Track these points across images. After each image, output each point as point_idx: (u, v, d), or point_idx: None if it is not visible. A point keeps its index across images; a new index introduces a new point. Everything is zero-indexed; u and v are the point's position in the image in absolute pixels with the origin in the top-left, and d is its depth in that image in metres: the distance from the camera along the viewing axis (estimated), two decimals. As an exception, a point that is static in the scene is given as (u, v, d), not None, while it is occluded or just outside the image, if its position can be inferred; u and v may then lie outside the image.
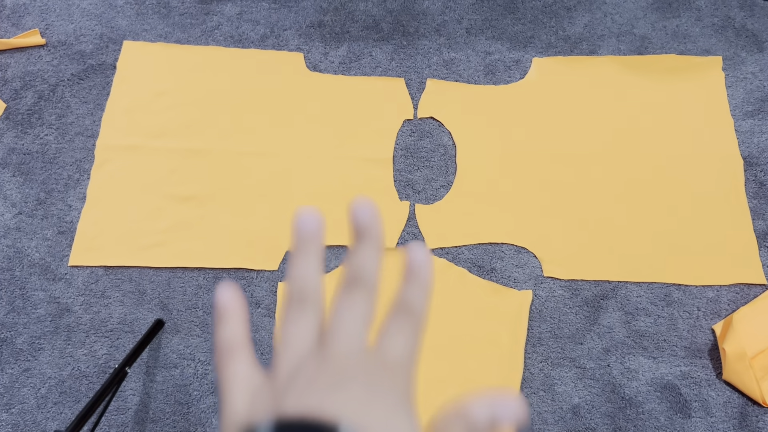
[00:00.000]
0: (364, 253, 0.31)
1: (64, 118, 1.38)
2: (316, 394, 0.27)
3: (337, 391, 0.27)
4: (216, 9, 1.51)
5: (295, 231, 0.31)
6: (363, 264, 0.31)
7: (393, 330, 0.30)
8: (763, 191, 1.32)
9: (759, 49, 1.47)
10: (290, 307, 0.30)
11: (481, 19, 1.51)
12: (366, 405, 0.27)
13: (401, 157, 1.35)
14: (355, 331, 0.30)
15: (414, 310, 0.31)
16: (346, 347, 0.29)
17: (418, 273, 0.31)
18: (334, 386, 0.27)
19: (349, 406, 0.26)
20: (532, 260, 1.25)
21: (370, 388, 0.28)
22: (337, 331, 0.30)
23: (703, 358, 1.17)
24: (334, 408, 0.26)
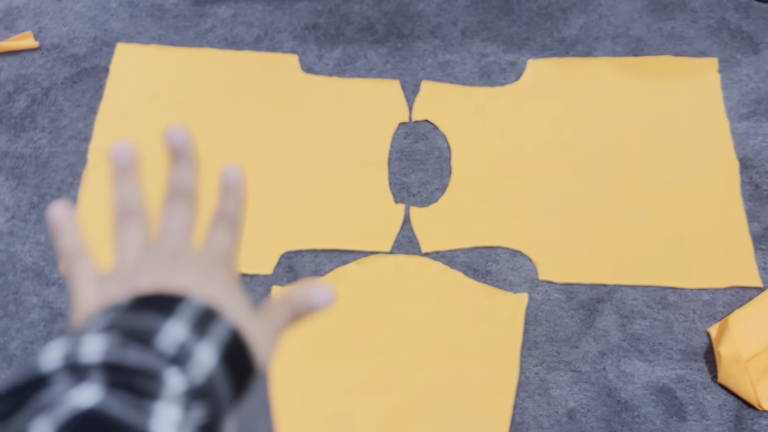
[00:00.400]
0: (181, 170, 0.38)
1: (57, 122, 1.37)
2: (161, 274, 0.32)
3: (178, 272, 0.33)
4: (210, 11, 1.50)
5: (112, 162, 0.37)
6: (182, 179, 0.38)
7: (216, 231, 0.37)
8: (759, 193, 1.32)
9: (754, 51, 1.47)
10: (119, 221, 0.36)
11: (476, 21, 1.50)
12: (205, 282, 0.32)
13: (396, 160, 1.35)
14: (182, 230, 0.36)
15: (231, 217, 0.38)
16: (176, 242, 0.35)
17: (233, 188, 0.39)
18: (175, 269, 0.33)
19: (192, 282, 0.32)
20: (527, 263, 1.25)
21: (204, 271, 0.34)
22: (166, 231, 0.36)
23: (699, 361, 1.17)
24: (180, 283, 0.31)
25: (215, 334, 0.29)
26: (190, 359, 0.27)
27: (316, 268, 1.24)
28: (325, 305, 0.35)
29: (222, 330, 0.30)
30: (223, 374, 0.29)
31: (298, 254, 1.26)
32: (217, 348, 0.29)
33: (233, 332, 0.30)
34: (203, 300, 0.30)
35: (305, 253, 1.26)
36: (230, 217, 0.38)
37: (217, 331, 0.29)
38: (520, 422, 1.13)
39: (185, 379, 0.27)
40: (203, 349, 0.28)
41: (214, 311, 0.30)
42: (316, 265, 1.24)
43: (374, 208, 1.30)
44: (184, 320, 0.29)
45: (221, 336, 0.29)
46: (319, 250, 1.26)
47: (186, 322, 0.29)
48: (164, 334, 0.28)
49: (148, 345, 0.27)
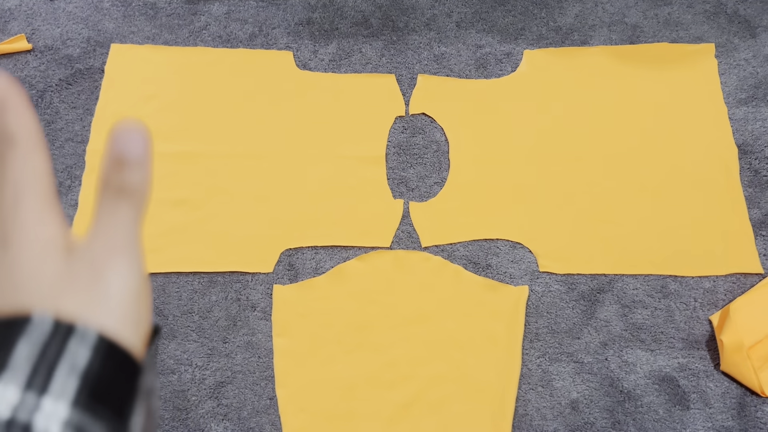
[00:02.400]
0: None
1: (53, 125, 1.37)
2: None
3: (22, 287, 0.25)
4: (203, 9, 1.49)
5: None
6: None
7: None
8: (758, 179, 1.31)
9: (752, 35, 1.46)
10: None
11: (471, 12, 1.49)
12: (55, 290, 0.25)
13: (394, 155, 1.35)
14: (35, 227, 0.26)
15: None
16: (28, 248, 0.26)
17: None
18: (18, 285, 0.25)
19: (37, 296, 0.25)
20: (527, 255, 1.25)
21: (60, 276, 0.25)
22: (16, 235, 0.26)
23: (701, 350, 1.17)
24: (23, 302, 0.24)
25: (78, 364, 0.23)
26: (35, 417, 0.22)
27: (317, 265, 1.24)
28: (142, 151, 0.27)
29: (87, 352, 0.24)
30: (90, 410, 0.23)
31: (299, 251, 1.26)
32: (74, 390, 0.23)
33: (99, 346, 0.24)
34: (51, 316, 0.24)
35: (305, 250, 1.26)
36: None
37: (80, 358, 0.23)
38: (524, 414, 1.13)
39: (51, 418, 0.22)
40: (52, 407, 0.22)
41: (68, 328, 0.24)
42: (317, 262, 1.24)
43: (373, 204, 1.29)
44: (16, 377, 0.22)
45: (84, 363, 0.23)
46: (319, 247, 1.26)
47: (18, 380, 0.22)
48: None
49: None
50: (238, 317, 1.20)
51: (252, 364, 1.17)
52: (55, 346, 0.23)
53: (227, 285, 1.23)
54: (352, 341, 1.18)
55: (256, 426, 1.12)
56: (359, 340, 1.18)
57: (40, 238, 0.26)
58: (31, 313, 0.24)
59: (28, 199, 0.26)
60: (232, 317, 1.20)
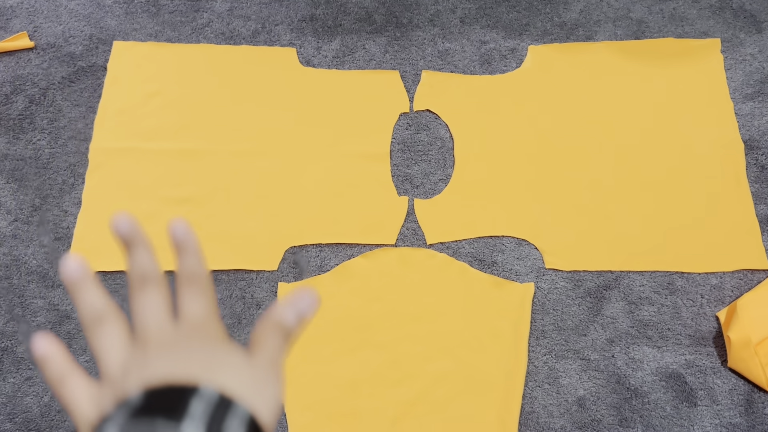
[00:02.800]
0: (138, 256, 0.35)
1: (56, 122, 1.36)
2: (161, 364, 0.31)
3: (178, 358, 0.32)
4: (206, 5, 1.48)
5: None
6: (141, 265, 0.35)
7: (187, 299, 0.35)
8: (765, 175, 1.31)
9: (758, 29, 1.45)
10: (92, 329, 0.34)
11: (475, 7, 1.49)
12: (204, 363, 0.32)
13: (398, 151, 1.34)
14: (157, 317, 0.34)
15: (196, 276, 0.36)
16: (157, 329, 0.34)
17: (185, 244, 0.36)
18: (172, 355, 0.32)
19: (197, 366, 0.31)
20: (533, 252, 1.24)
21: (194, 349, 0.33)
22: (144, 323, 0.34)
23: (708, 346, 1.17)
24: (185, 371, 0.31)
25: (231, 429, 0.29)
26: None
27: (321, 263, 1.24)
28: (312, 310, 0.35)
29: (237, 424, 0.29)
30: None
31: (303, 249, 1.25)
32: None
33: (248, 421, 0.30)
34: (215, 389, 0.30)
35: (310, 247, 1.25)
36: (194, 276, 0.36)
37: (233, 427, 0.29)
38: (530, 411, 1.13)
39: None
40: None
41: (226, 401, 0.30)
42: (321, 260, 1.24)
43: (378, 201, 1.29)
44: (195, 425, 0.28)
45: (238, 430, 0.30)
46: (323, 245, 1.25)
47: (198, 428, 0.28)
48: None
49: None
50: (242, 315, 1.20)
51: (257, 362, 1.16)
52: (220, 414, 0.29)
53: (232, 283, 1.22)
54: (357, 339, 1.17)
55: (262, 424, 1.12)
56: (364, 337, 1.17)
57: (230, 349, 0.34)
58: (199, 384, 0.30)
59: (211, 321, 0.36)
60: (237, 315, 1.20)
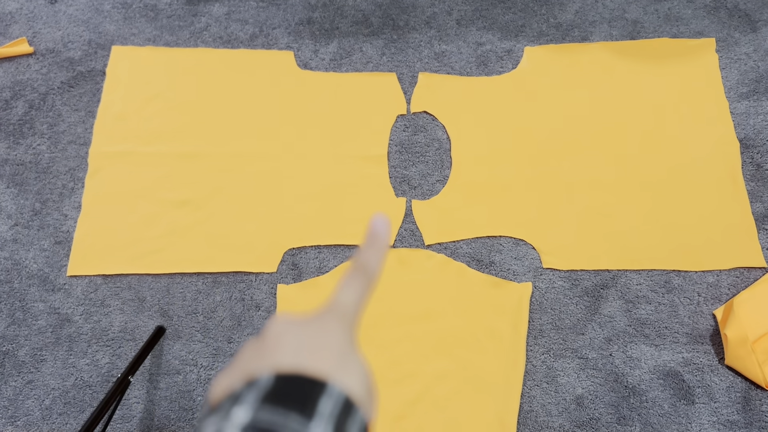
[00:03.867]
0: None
1: (55, 127, 1.37)
2: (305, 350, 0.33)
3: (322, 350, 0.34)
4: (204, 10, 1.49)
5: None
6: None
7: (348, 282, 0.37)
8: (761, 173, 1.31)
9: (752, 29, 1.46)
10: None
11: (471, 9, 1.49)
12: (334, 360, 0.33)
13: (396, 153, 1.35)
14: (350, 302, 0.37)
15: (369, 269, 0.38)
16: (342, 311, 0.36)
17: (377, 238, 0.38)
18: (320, 344, 0.34)
19: (324, 362, 0.33)
20: (530, 252, 1.25)
21: (328, 342, 0.34)
22: (337, 299, 0.37)
23: (705, 344, 1.17)
24: (320, 366, 0.32)
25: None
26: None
27: (320, 265, 1.24)
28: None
29: (356, 431, 0.31)
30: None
31: (302, 251, 1.26)
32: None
33: (364, 429, 0.32)
34: (341, 389, 0.32)
35: (309, 249, 1.26)
36: (367, 270, 0.38)
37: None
38: (529, 410, 1.13)
39: None
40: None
41: (350, 405, 0.31)
42: (320, 262, 1.25)
43: (376, 202, 1.29)
44: (323, 426, 0.30)
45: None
46: (322, 246, 1.26)
47: (325, 429, 0.30)
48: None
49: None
50: (242, 317, 1.21)
51: (257, 364, 1.17)
52: (344, 417, 0.31)
53: (231, 285, 1.23)
54: (357, 339, 1.18)
55: None
56: (364, 338, 1.18)
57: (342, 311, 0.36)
58: (328, 381, 0.32)
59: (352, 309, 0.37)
60: (237, 317, 1.21)
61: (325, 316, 0.36)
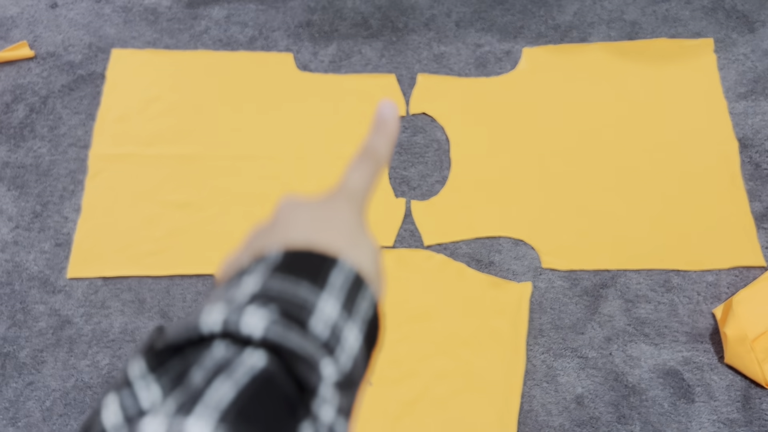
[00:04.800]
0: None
1: (56, 130, 1.38)
2: (315, 227, 0.33)
3: (331, 227, 0.33)
4: (203, 13, 1.50)
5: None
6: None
7: (357, 169, 0.37)
8: (759, 173, 1.32)
9: (750, 29, 1.46)
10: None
11: (470, 11, 1.50)
12: (345, 237, 0.33)
13: (395, 154, 1.35)
14: (358, 185, 0.37)
15: (377, 154, 0.38)
16: (349, 193, 0.36)
17: (385, 124, 0.38)
18: (329, 222, 0.34)
19: (343, 241, 0.33)
20: (530, 252, 1.25)
21: (339, 220, 0.35)
22: (345, 181, 0.37)
23: (705, 343, 1.17)
24: (330, 241, 0.32)
25: (361, 311, 0.30)
26: (339, 344, 0.29)
27: (320, 265, 1.24)
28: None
29: (366, 306, 0.31)
30: (363, 355, 0.30)
31: (302, 252, 1.26)
32: (361, 328, 0.30)
33: (375, 305, 0.32)
34: (352, 265, 0.31)
35: (308, 250, 1.26)
36: (375, 153, 0.38)
37: (363, 307, 0.31)
38: (529, 410, 1.13)
39: (336, 368, 0.28)
40: (351, 331, 0.29)
41: (361, 280, 0.31)
42: (320, 262, 1.25)
43: (375, 203, 1.30)
44: (335, 296, 0.30)
45: (366, 313, 0.31)
46: (322, 247, 1.26)
47: (337, 299, 0.30)
48: (318, 314, 0.29)
49: (304, 327, 0.28)
50: (242, 318, 1.21)
51: (257, 365, 1.17)
52: (354, 291, 0.31)
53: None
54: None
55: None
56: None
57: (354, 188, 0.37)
58: (339, 257, 0.31)
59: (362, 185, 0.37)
60: (237, 318, 1.21)
61: (335, 197, 0.36)
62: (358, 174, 0.37)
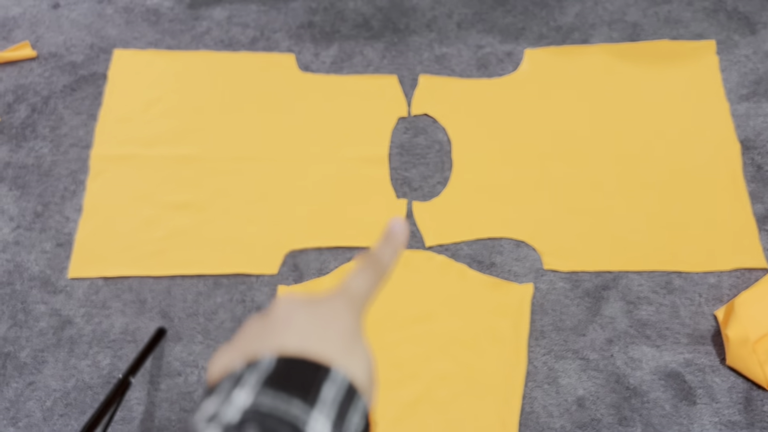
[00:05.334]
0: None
1: (57, 130, 1.38)
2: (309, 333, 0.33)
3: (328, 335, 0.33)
4: (205, 14, 1.50)
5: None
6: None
7: (360, 271, 0.38)
8: (761, 174, 1.31)
9: (752, 31, 1.46)
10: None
11: (471, 12, 1.50)
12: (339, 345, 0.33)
13: (397, 155, 1.35)
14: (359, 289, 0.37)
15: (382, 263, 0.39)
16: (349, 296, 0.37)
17: (394, 237, 0.40)
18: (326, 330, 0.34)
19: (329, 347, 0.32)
20: (531, 253, 1.25)
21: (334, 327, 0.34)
22: (347, 283, 0.37)
23: (706, 345, 1.17)
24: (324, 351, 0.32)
25: (352, 425, 0.30)
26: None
27: (321, 266, 1.24)
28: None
29: (358, 418, 0.31)
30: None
31: (303, 253, 1.26)
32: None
33: (366, 416, 0.31)
34: (345, 375, 0.31)
35: (310, 251, 1.26)
36: (380, 262, 0.39)
37: (354, 421, 0.30)
38: (530, 412, 1.13)
39: None
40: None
41: (353, 391, 0.31)
42: (321, 263, 1.25)
43: (376, 204, 1.30)
44: (326, 414, 0.29)
45: (357, 426, 0.30)
46: (323, 248, 1.26)
47: (328, 416, 0.29)
48: None
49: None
50: (243, 319, 1.21)
51: (258, 365, 1.17)
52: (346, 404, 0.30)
53: (232, 287, 1.23)
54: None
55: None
56: (365, 339, 1.18)
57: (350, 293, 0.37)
58: (332, 367, 0.31)
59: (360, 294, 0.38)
60: (238, 319, 1.21)
61: (335, 299, 0.36)
62: (361, 279, 0.38)
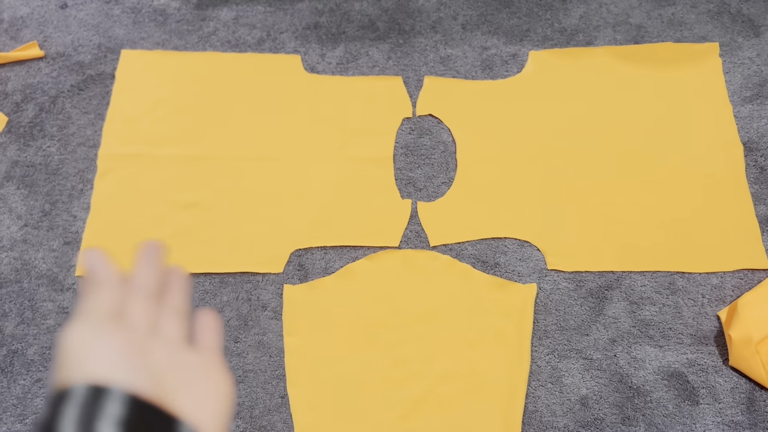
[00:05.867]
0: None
1: (65, 129, 1.39)
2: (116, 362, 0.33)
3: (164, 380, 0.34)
4: (212, 15, 1.51)
5: (87, 272, 0.39)
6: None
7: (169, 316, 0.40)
8: (764, 176, 1.32)
9: (755, 33, 1.47)
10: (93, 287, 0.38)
11: (476, 14, 1.51)
12: (188, 393, 0.34)
13: (401, 156, 1.36)
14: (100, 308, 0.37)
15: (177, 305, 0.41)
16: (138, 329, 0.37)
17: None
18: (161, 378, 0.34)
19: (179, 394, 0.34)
20: (535, 254, 1.26)
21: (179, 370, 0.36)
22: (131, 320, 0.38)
23: (709, 345, 1.18)
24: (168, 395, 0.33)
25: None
26: None
27: (326, 265, 1.25)
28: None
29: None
30: None
31: (308, 252, 1.27)
32: None
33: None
34: (192, 429, 0.32)
35: (315, 250, 1.27)
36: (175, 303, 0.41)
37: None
38: (534, 411, 1.14)
39: None
40: None
41: None
42: (326, 262, 1.26)
43: (382, 204, 1.31)
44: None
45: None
46: (328, 247, 1.27)
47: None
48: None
49: None
50: (249, 317, 1.22)
51: (263, 363, 1.18)
52: None
53: (238, 285, 1.24)
54: (362, 340, 1.19)
55: (268, 424, 1.13)
56: (369, 338, 1.19)
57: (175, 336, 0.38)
58: (181, 420, 0.32)
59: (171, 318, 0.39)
60: (243, 317, 1.22)
61: None
62: None
